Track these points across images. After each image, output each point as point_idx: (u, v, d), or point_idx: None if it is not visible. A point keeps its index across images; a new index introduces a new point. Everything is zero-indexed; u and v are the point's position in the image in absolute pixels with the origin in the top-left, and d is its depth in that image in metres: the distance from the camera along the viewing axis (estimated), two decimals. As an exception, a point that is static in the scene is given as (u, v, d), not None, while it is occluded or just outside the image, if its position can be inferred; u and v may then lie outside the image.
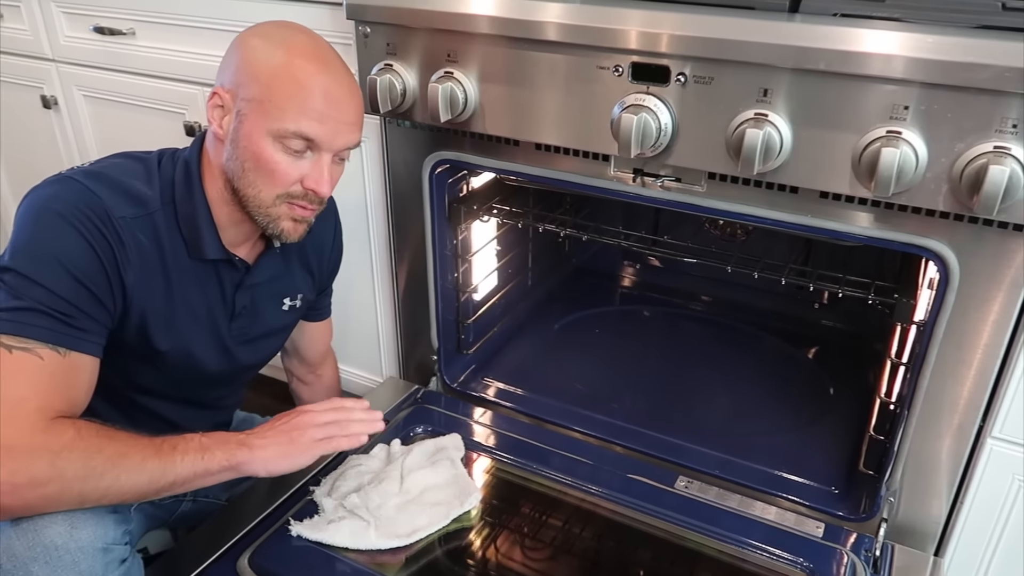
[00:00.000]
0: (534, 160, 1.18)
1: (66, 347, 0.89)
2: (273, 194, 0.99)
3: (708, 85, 0.97)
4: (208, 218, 1.02)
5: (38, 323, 0.88)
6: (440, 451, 1.23)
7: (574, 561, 1.22)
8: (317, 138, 0.96)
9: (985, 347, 0.99)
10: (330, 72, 0.97)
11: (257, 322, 1.15)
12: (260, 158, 0.96)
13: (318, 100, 0.95)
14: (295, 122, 0.94)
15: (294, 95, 0.94)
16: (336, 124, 0.97)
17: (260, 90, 0.94)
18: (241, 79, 0.96)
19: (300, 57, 0.95)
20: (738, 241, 1.70)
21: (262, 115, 0.95)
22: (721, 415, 1.42)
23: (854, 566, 1.06)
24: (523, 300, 1.75)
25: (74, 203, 0.92)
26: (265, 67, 0.94)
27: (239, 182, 0.99)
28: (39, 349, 0.87)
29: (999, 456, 1.05)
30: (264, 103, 0.94)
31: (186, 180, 1.01)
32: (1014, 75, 0.82)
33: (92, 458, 0.86)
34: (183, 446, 0.92)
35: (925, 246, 0.97)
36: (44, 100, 1.72)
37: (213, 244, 1.03)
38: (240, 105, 0.96)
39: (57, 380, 0.89)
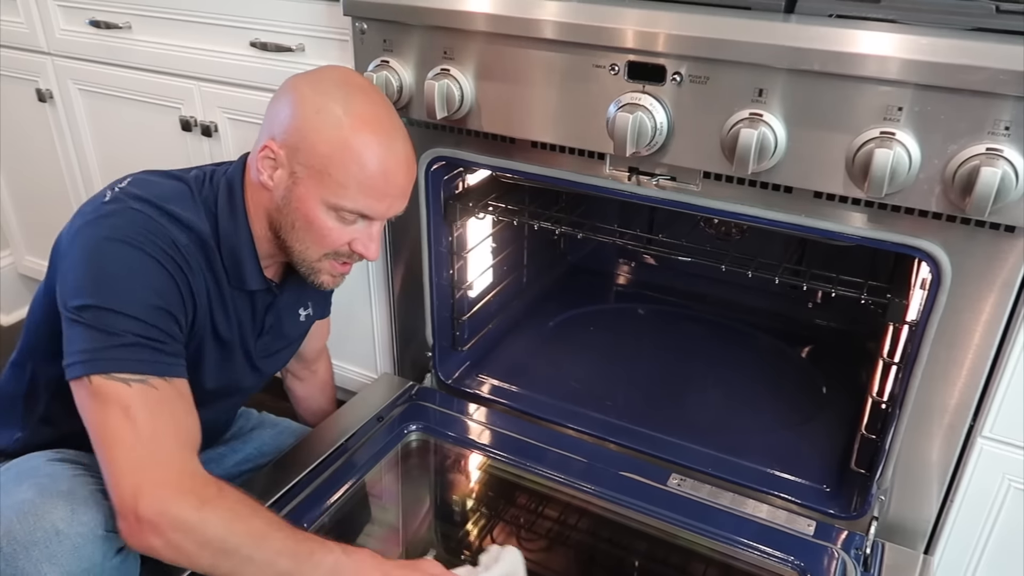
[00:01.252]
0: (530, 158, 1.18)
1: (168, 375, 0.89)
2: (320, 253, 1.00)
3: (704, 84, 0.98)
4: (252, 251, 1.01)
5: (137, 356, 0.87)
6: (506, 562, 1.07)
7: (567, 557, 1.23)
8: (372, 213, 0.98)
9: (976, 347, 1.00)
10: (392, 146, 0.95)
11: (280, 336, 1.16)
12: (312, 223, 0.96)
13: (378, 179, 0.95)
14: (353, 201, 0.95)
15: (355, 174, 0.93)
16: (392, 199, 0.98)
17: (319, 161, 0.93)
18: (298, 142, 0.94)
19: (362, 131, 0.93)
20: (733, 240, 1.70)
21: (318, 184, 0.94)
22: (714, 413, 1.43)
23: (844, 564, 1.07)
24: (518, 297, 1.75)
25: (140, 231, 0.91)
26: (325, 139, 0.92)
27: (286, 235, 0.99)
28: (151, 379, 0.87)
29: (989, 455, 1.06)
30: (323, 174, 0.93)
31: (231, 210, 1.00)
32: (1008, 77, 0.82)
33: (235, 523, 0.85)
34: (319, 556, 0.87)
35: (918, 247, 0.97)
36: (39, 94, 1.72)
37: (255, 276, 1.03)
38: (295, 168, 0.94)
39: (177, 408, 0.89)
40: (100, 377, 0.85)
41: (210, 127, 1.50)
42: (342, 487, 1.17)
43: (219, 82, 1.47)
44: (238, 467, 1.29)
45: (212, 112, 1.50)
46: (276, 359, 1.19)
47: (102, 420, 0.85)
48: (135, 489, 0.82)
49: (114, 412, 0.85)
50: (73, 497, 0.89)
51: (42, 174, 1.86)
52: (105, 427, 0.85)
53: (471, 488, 1.37)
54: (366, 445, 1.27)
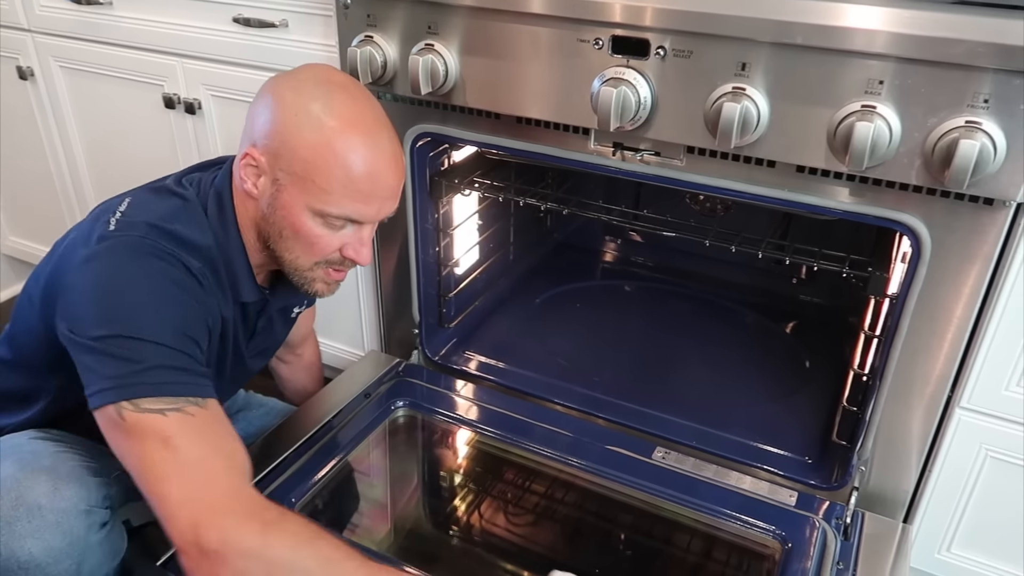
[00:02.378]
0: (515, 133, 1.18)
1: (202, 396, 0.85)
2: (311, 261, 0.97)
3: (687, 59, 0.98)
4: (246, 263, 1.00)
5: (168, 379, 0.83)
6: None
7: (554, 530, 1.24)
8: (360, 218, 0.94)
9: (956, 320, 1.01)
10: (376, 146, 0.92)
11: (271, 336, 1.16)
12: (300, 231, 0.94)
13: (363, 182, 0.91)
14: (339, 206, 0.92)
15: (339, 179, 0.90)
16: (380, 201, 0.95)
17: (301, 166, 0.90)
18: (279, 149, 0.91)
19: (345, 132, 0.90)
20: (717, 216, 1.71)
21: (303, 191, 0.91)
22: (699, 387, 1.44)
23: (825, 533, 1.09)
24: (505, 274, 1.75)
25: (153, 260, 0.88)
26: (307, 143, 0.89)
27: (275, 244, 0.96)
28: (186, 407, 0.83)
29: (967, 426, 1.08)
30: (306, 180, 0.90)
31: (222, 223, 0.97)
32: (986, 50, 0.83)
33: (300, 547, 0.81)
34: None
35: (898, 220, 0.98)
36: (20, 71, 1.70)
37: (250, 288, 1.02)
38: (278, 174, 0.92)
39: (218, 432, 0.86)
40: (132, 409, 0.81)
41: (194, 104, 1.49)
42: (329, 463, 1.18)
43: (202, 59, 1.45)
44: None
45: (195, 89, 1.49)
46: (265, 355, 1.19)
47: (141, 455, 0.81)
48: (193, 521, 0.78)
49: (153, 445, 0.81)
50: (55, 473, 0.89)
51: (24, 153, 1.84)
52: (147, 462, 0.81)
53: (458, 463, 1.39)
54: (353, 421, 1.27)
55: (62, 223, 1.84)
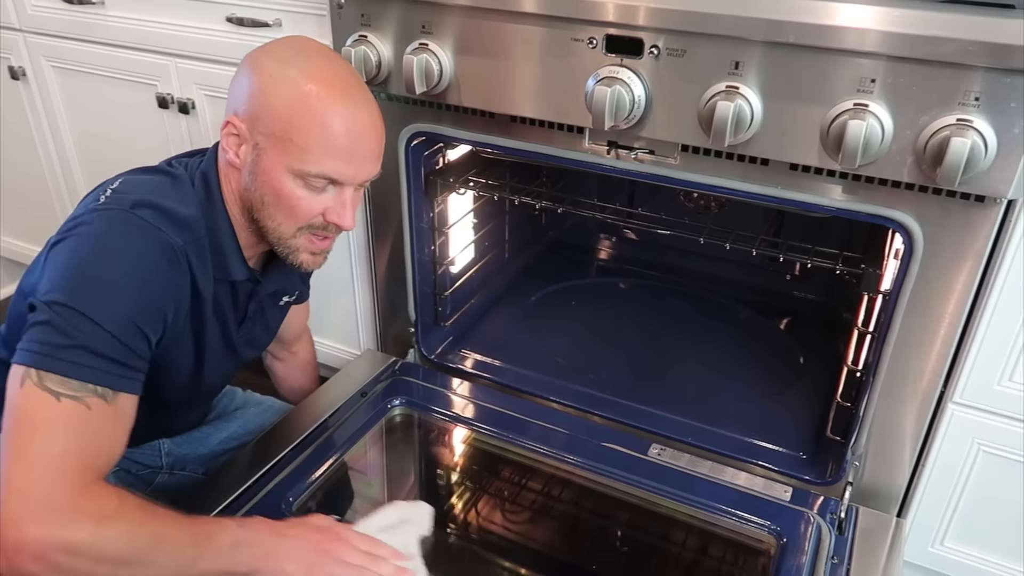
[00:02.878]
0: (510, 132, 1.18)
1: (114, 388, 0.85)
2: (294, 227, 0.97)
3: (681, 58, 0.98)
4: (234, 241, 1.00)
5: (87, 363, 0.83)
6: (402, 524, 1.05)
7: (550, 527, 1.25)
8: (340, 177, 0.94)
9: (948, 316, 1.02)
10: (353, 105, 0.92)
11: (261, 323, 1.16)
12: (280, 194, 0.94)
13: (341, 139, 0.91)
14: (317, 164, 0.92)
15: (316, 136, 0.90)
16: (360, 160, 0.94)
17: (279, 127, 0.90)
18: (258, 111, 0.91)
19: (321, 92, 0.90)
20: (711, 214, 1.71)
21: (282, 152, 0.91)
22: (694, 384, 1.45)
23: (820, 528, 1.10)
24: (500, 273, 1.76)
25: (133, 238, 0.88)
26: (284, 102, 0.90)
27: (258, 213, 0.97)
28: (88, 398, 0.82)
29: (960, 421, 1.09)
30: (284, 141, 0.91)
31: (209, 202, 0.98)
32: (977, 49, 0.83)
33: (134, 533, 0.80)
34: (218, 537, 0.85)
35: (890, 217, 0.99)
36: (12, 71, 1.69)
37: (239, 266, 1.02)
38: (258, 139, 0.92)
39: (102, 431, 0.84)
40: (34, 382, 0.81)
41: (187, 104, 1.49)
42: (326, 462, 1.18)
43: (195, 58, 1.45)
44: (222, 445, 1.30)
45: (189, 89, 1.49)
46: (257, 345, 1.19)
47: (13, 425, 0.80)
48: (19, 515, 0.76)
49: (28, 423, 0.80)
50: None
51: (17, 154, 1.84)
52: (13, 434, 0.80)
53: (455, 461, 1.39)
54: (350, 420, 1.28)
55: (55, 224, 1.82)
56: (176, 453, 1.24)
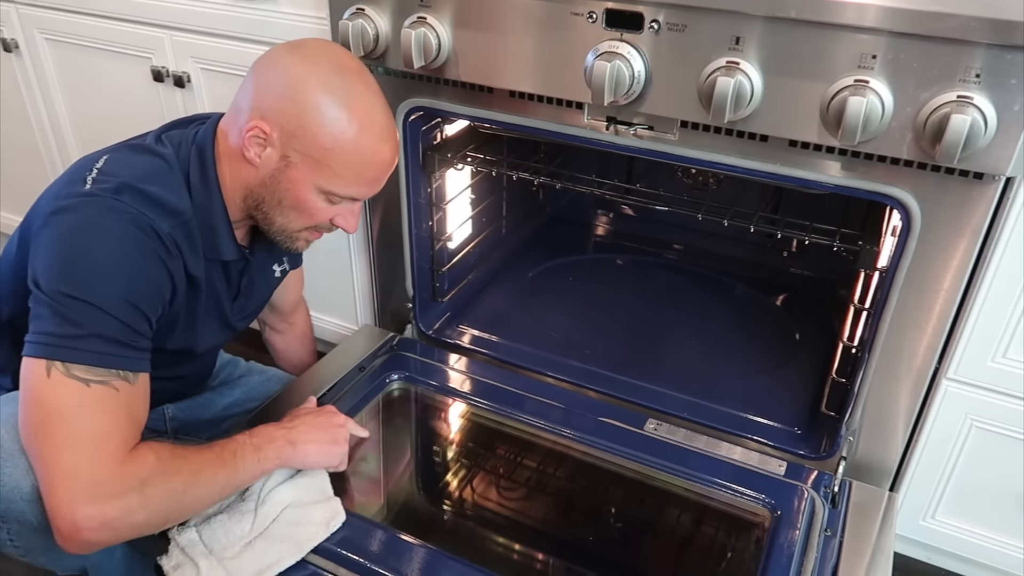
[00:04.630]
0: (508, 108, 1.18)
1: (133, 370, 0.89)
2: (303, 226, 1.03)
3: (681, 32, 0.98)
4: (226, 220, 1.01)
5: (106, 350, 0.87)
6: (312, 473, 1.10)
7: (547, 501, 1.26)
8: (361, 197, 1.02)
9: (944, 292, 1.03)
10: (387, 139, 0.98)
11: (255, 296, 1.17)
12: (303, 203, 0.98)
13: (372, 172, 0.99)
14: (347, 189, 0.98)
15: (352, 167, 0.96)
16: (379, 186, 1.02)
17: (318, 152, 0.94)
18: (296, 130, 0.93)
19: (363, 127, 0.95)
20: (710, 190, 1.71)
21: (314, 171, 0.96)
22: (690, 360, 1.46)
23: (813, 501, 1.11)
24: (497, 248, 1.76)
25: (120, 223, 0.89)
26: (327, 133, 0.93)
27: (270, 209, 1.00)
28: (114, 381, 0.87)
29: (953, 397, 1.10)
30: (320, 164, 0.95)
31: (204, 183, 0.99)
32: (979, 25, 0.83)
33: (172, 480, 0.89)
34: (241, 452, 0.97)
35: (889, 194, 0.99)
36: (4, 43, 1.67)
37: (230, 246, 1.03)
38: (291, 153, 0.95)
39: (132, 407, 0.90)
40: (62, 371, 0.84)
41: (183, 78, 1.48)
42: (326, 436, 1.19)
43: (191, 31, 1.43)
44: (226, 411, 1.32)
45: (184, 62, 1.47)
46: (250, 316, 1.20)
47: (48, 415, 0.84)
48: (71, 499, 0.82)
49: (63, 411, 0.84)
50: None
51: (10, 127, 1.82)
52: (49, 424, 0.84)
53: (452, 436, 1.40)
54: (348, 394, 1.28)
55: (51, 198, 1.82)
56: (180, 418, 1.26)
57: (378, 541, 1.02)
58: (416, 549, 1.01)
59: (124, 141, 1.03)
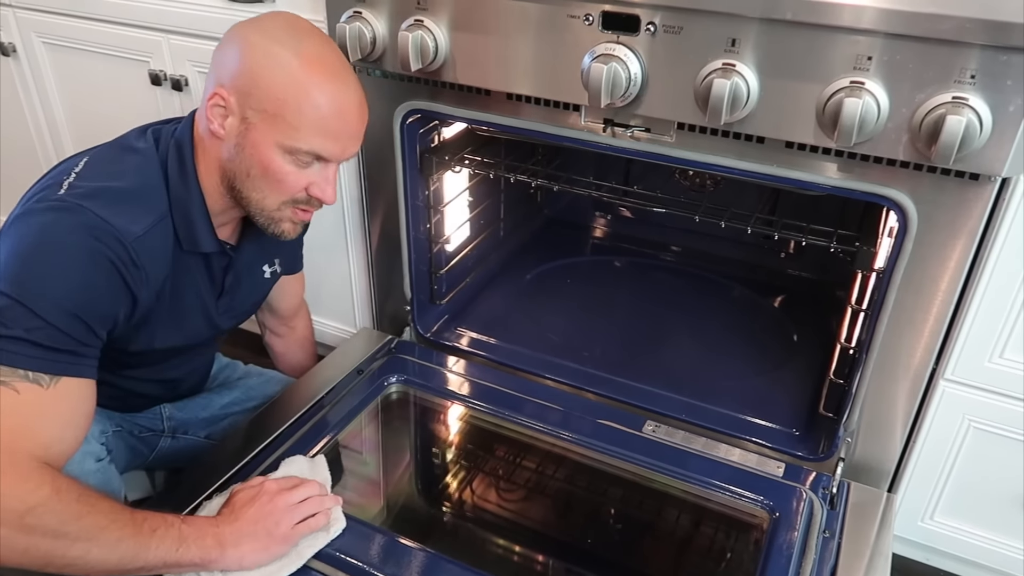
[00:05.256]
0: (505, 110, 1.18)
1: (53, 374, 0.86)
2: (279, 201, 0.99)
3: (677, 35, 0.98)
4: (203, 211, 1.00)
5: (22, 351, 0.84)
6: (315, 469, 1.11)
7: (546, 503, 1.26)
8: (327, 154, 0.97)
9: (941, 293, 1.03)
10: (345, 86, 0.95)
11: (242, 295, 1.16)
12: (268, 168, 0.96)
13: (332, 119, 0.95)
14: (307, 142, 0.94)
15: (309, 115, 0.93)
16: (346, 139, 0.98)
17: (273, 105, 0.92)
18: (249, 88, 0.93)
19: (315, 73, 0.93)
20: (707, 192, 1.72)
21: (272, 128, 0.93)
22: (688, 362, 1.46)
23: (812, 503, 1.11)
24: (495, 251, 1.76)
25: (83, 234, 0.88)
26: (278, 82, 0.92)
27: (242, 184, 0.98)
28: (17, 383, 0.83)
29: (951, 397, 1.10)
30: (276, 117, 0.93)
31: (181, 173, 0.98)
32: (974, 26, 0.83)
33: (66, 524, 0.81)
34: (162, 531, 0.88)
35: (885, 195, 0.99)
36: (2, 47, 1.67)
37: (208, 238, 1.02)
38: (248, 113, 0.94)
39: (36, 416, 0.85)
40: None
41: (180, 81, 1.48)
42: (323, 439, 1.19)
43: (189, 34, 1.44)
44: (225, 409, 1.32)
45: (182, 65, 1.48)
46: (238, 315, 1.19)
47: None
48: None
49: None
50: None
51: (8, 130, 1.82)
52: None
53: (451, 438, 1.40)
54: (346, 397, 1.28)
55: (49, 202, 1.82)
56: (178, 417, 1.26)
57: (379, 546, 1.01)
58: (416, 553, 1.01)
59: (109, 141, 1.04)
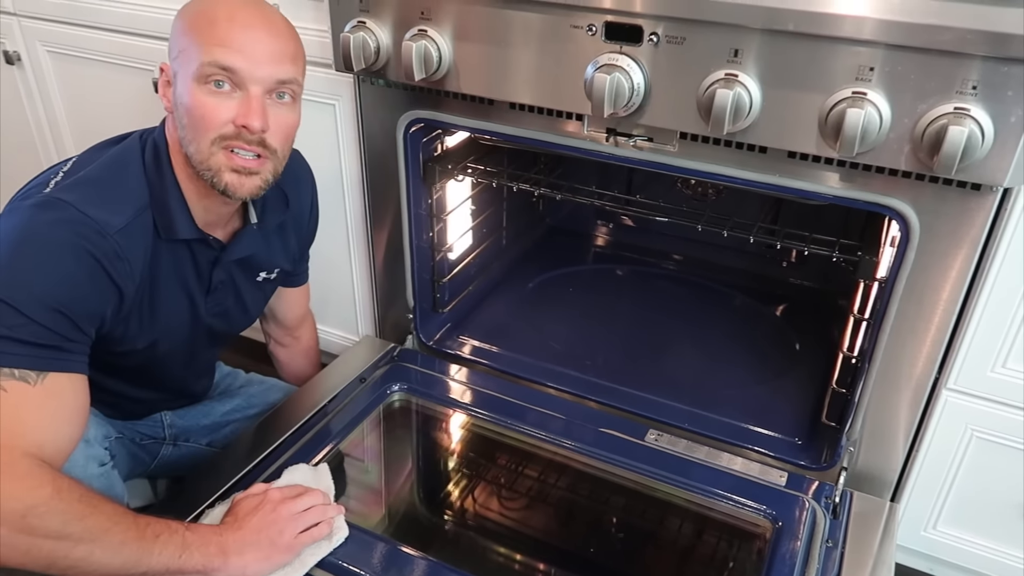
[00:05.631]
0: (508, 119, 1.19)
1: (40, 370, 0.85)
2: (208, 140, 0.95)
3: (680, 45, 0.98)
4: (179, 198, 1.01)
5: (6, 349, 0.83)
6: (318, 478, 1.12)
7: (548, 512, 1.26)
8: (233, 65, 0.92)
9: (943, 303, 1.03)
10: (241, 3, 0.96)
11: (233, 296, 1.16)
12: (190, 108, 0.94)
13: (224, 26, 0.93)
14: (208, 53, 0.92)
15: (203, 29, 0.94)
16: (252, 54, 0.93)
17: (181, 42, 0.95)
18: (170, 46, 0.97)
19: (216, 1, 0.95)
20: (709, 201, 1.72)
21: (185, 65, 0.94)
22: (691, 370, 1.46)
23: (814, 512, 1.11)
24: (498, 259, 1.76)
25: (64, 228, 0.88)
26: (182, 23, 0.96)
27: (186, 145, 0.97)
28: (2, 381, 0.83)
29: (953, 407, 1.10)
30: (184, 52, 0.95)
31: (155, 162, 1.00)
32: (975, 37, 0.84)
33: (69, 525, 0.81)
34: (165, 537, 0.88)
35: (888, 205, 1.00)
36: (7, 56, 1.68)
37: (185, 224, 1.02)
38: (174, 66, 0.97)
39: (25, 414, 0.84)
40: None
41: (184, 90, 1.48)
42: (326, 447, 1.19)
43: (192, 43, 1.44)
44: (226, 417, 1.32)
45: (186, 74, 1.48)
46: (230, 320, 1.18)
47: None
48: None
49: None
50: None
51: (12, 138, 1.83)
52: None
53: (453, 446, 1.40)
54: (349, 406, 1.28)
55: (52, 209, 1.82)
56: (179, 425, 1.26)
57: (381, 554, 1.01)
58: (419, 562, 1.00)
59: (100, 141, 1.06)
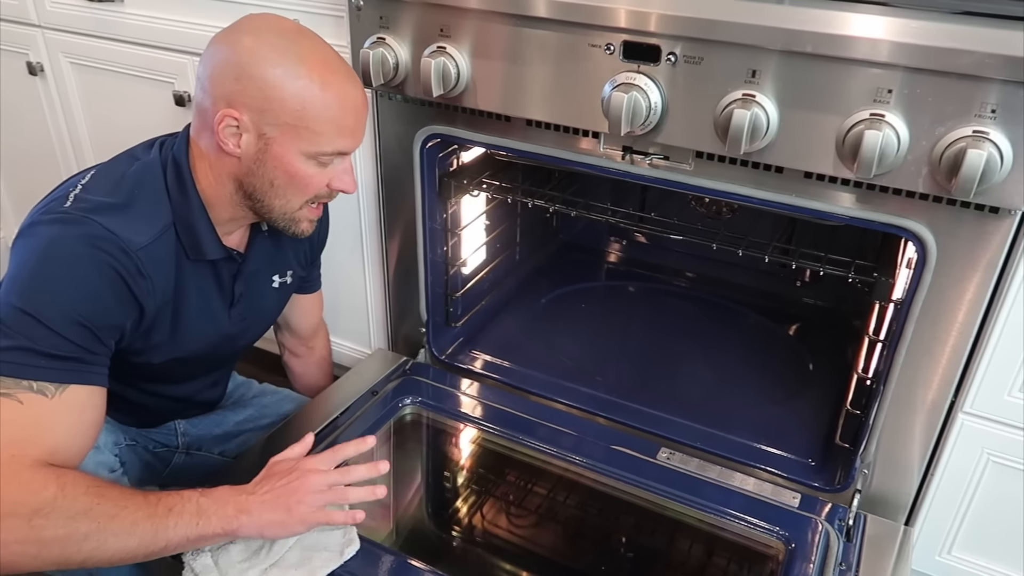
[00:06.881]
0: (524, 136, 1.19)
1: (59, 382, 0.87)
2: (302, 201, 1.02)
3: (698, 65, 0.99)
4: (206, 220, 1.02)
5: (26, 361, 0.85)
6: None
7: (558, 529, 1.25)
8: (348, 150, 1.01)
9: (959, 325, 1.02)
10: (350, 83, 0.98)
11: (253, 305, 1.17)
12: (294, 176, 0.99)
13: (349, 118, 0.98)
14: (331, 144, 0.98)
15: (328, 120, 0.96)
16: (360, 130, 1.02)
17: (292, 116, 0.94)
18: (262, 105, 0.94)
19: (325, 76, 0.95)
20: (723, 219, 1.72)
21: (295, 138, 0.96)
22: (703, 389, 1.45)
23: (828, 535, 1.10)
24: (511, 274, 1.76)
25: (88, 245, 0.90)
26: (293, 94, 0.94)
27: (263, 194, 1.00)
28: (20, 394, 0.85)
29: (969, 430, 1.09)
30: (297, 128, 0.95)
31: (180, 187, 1.00)
32: (994, 61, 0.84)
33: (76, 520, 0.82)
34: (179, 508, 0.89)
35: (904, 227, 0.99)
36: (30, 67, 1.70)
37: (213, 245, 1.03)
38: (266, 129, 0.95)
39: (39, 426, 0.85)
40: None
41: (204, 102, 1.50)
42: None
43: (213, 57, 1.46)
44: (239, 427, 1.33)
45: (206, 87, 1.50)
46: (251, 329, 1.20)
47: None
48: None
49: None
50: None
51: (33, 150, 1.85)
52: None
53: (464, 461, 1.40)
54: (360, 418, 1.29)
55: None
56: (192, 433, 1.27)
57: (391, 568, 1.01)
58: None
59: (119, 153, 1.06)
